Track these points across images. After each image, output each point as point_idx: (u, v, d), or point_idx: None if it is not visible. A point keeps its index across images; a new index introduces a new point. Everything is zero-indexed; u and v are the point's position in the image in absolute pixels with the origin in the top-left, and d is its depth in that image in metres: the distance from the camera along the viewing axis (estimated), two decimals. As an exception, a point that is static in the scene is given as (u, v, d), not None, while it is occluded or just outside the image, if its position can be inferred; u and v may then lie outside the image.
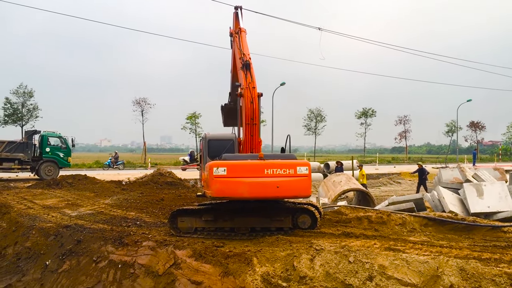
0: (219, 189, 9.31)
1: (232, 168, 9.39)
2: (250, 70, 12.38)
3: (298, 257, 7.86)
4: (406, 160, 74.44)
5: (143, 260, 9.24)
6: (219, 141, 11.77)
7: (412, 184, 31.20)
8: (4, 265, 11.39)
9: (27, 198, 17.00)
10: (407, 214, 11.60)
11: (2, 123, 46.46)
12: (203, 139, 12.02)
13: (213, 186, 9.32)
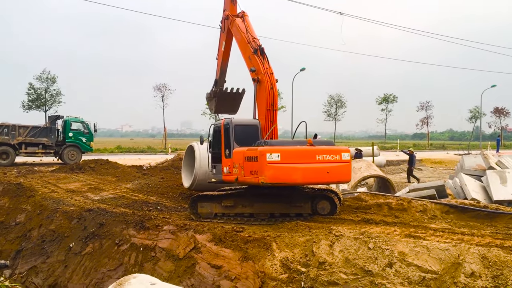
0: (273, 175, 9.37)
1: (286, 154, 9.47)
2: (264, 55, 12.33)
3: (317, 242, 7.87)
4: (427, 146, 73.45)
5: (164, 244, 9.38)
6: (244, 126, 11.54)
7: (433, 171, 30.81)
8: (29, 247, 11.70)
9: (51, 182, 17.34)
10: (428, 201, 11.48)
11: (26, 108, 47.33)
12: (228, 124, 11.44)
13: (267, 172, 9.33)
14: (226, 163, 11.32)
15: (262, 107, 11.77)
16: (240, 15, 13.92)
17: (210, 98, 16.19)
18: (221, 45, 15.19)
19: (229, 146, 11.24)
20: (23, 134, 26.87)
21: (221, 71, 15.50)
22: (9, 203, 14.31)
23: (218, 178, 11.85)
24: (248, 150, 10.21)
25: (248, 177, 9.97)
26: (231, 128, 11.29)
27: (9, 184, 15.66)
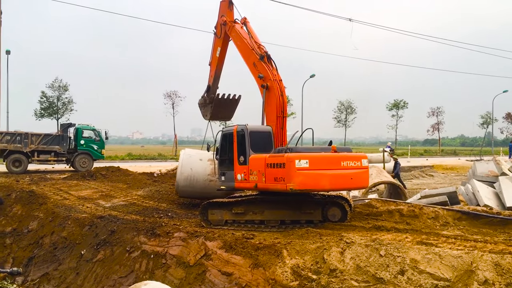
0: (302, 182, 9.44)
1: (314, 161, 9.59)
2: (271, 62, 12.36)
3: (328, 249, 7.84)
4: (439, 152, 72.84)
5: (175, 251, 9.40)
6: (259, 133, 11.42)
7: (445, 177, 30.55)
8: (41, 254, 11.78)
9: (63, 189, 17.48)
10: (440, 207, 11.38)
11: (39, 116, 47.76)
12: (243, 131, 11.24)
13: (296, 178, 9.37)
14: (240, 170, 11.08)
15: (272, 113, 11.79)
16: (242, 21, 13.79)
17: (204, 104, 15.87)
18: (216, 50, 14.99)
19: (244, 153, 11.03)
20: (35, 142, 27.13)
21: (215, 77, 15.30)
22: (21, 210, 14.44)
23: (228, 186, 11.63)
24: (271, 157, 10.17)
25: (272, 183, 9.96)
26: (246, 134, 11.10)
27: (22, 192, 15.80)
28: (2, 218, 14.26)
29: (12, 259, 12.30)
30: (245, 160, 10.96)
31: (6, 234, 13.19)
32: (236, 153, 11.24)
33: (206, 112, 15.75)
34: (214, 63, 15.14)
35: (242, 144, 11.14)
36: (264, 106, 12.07)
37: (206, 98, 15.65)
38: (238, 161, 11.16)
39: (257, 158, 10.71)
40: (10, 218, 14.11)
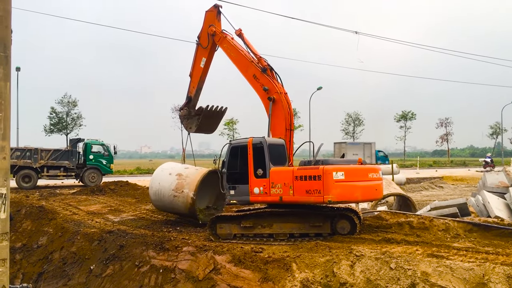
0: (340, 194, 9.72)
1: (349, 173, 9.89)
2: (274, 74, 12.42)
3: (338, 263, 7.78)
4: (448, 163, 72.39)
5: (184, 265, 9.37)
6: (275, 146, 11.35)
7: (455, 188, 30.29)
8: (51, 269, 11.80)
9: (72, 204, 17.55)
10: (451, 219, 11.27)
11: (48, 131, 48.25)
12: (261, 143, 11.09)
13: (335, 190, 9.61)
14: (258, 184, 10.90)
15: (280, 126, 11.82)
16: (237, 33, 13.53)
17: (189, 116, 15.00)
18: (199, 61, 14.50)
19: (263, 166, 10.87)
20: (45, 158, 27.38)
21: (198, 88, 14.80)
22: (31, 225, 14.50)
23: (241, 200, 11.38)
24: (301, 169, 10.25)
25: (303, 196, 10.03)
26: (265, 147, 11.00)
27: (31, 207, 15.89)
28: (12, 233, 14.32)
29: (22, 275, 12.32)
30: (265, 173, 10.81)
31: (16, 249, 13.22)
32: (252, 166, 11.07)
33: (190, 124, 15.03)
34: (197, 74, 14.64)
35: (260, 156, 11.01)
36: (270, 119, 12.08)
37: (190, 110, 14.97)
38: (255, 174, 10.97)
39: (281, 170, 10.73)
40: (20, 233, 14.16)
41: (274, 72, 12.50)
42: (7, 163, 4.54)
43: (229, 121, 60.90)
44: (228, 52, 13.44)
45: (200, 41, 14.37)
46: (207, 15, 14.27)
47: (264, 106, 12.35)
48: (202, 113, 14.63)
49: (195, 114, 14.81)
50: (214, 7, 14.19)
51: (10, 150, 4.68)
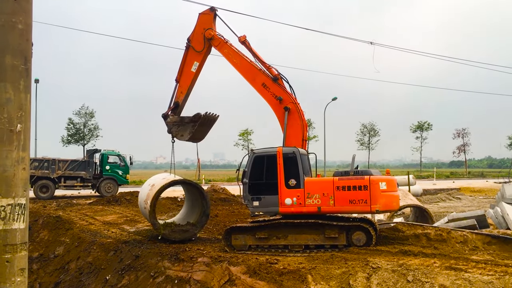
0: (385, 203, 10.29)
1: (389, 183, 10.43)
2: (283, 83, 12.37)
3: (354, 275, 7.71)
4: (465, 174, 71.38)
5: (199, 276, 9.36)
6: (304, 156, 11.36)
7: (472, 200, 29.83)
8: (67, 279, 11.88)
9: (89, 215, 17.70)
10: (469, 231, 11.09)
11: (66, 142, 48.84)
12: (294, 153, 10.98)
13: (381, 200, 10.17)
14: (290, 194, 10.76)
15: (296, 136, 11.81)
16: (241, 40, 13.14)
17: (181, 123, 13.75)
18: (190, 65, 13.58)
19: (296, 176, 10.77)
20: (62, 168, 27.73)
21: (187, 93, 13.81)
22: (48, 235, 14.66)
23: (269, 211, 11.16)
24: (342, 180, 10.44)
25: (346, 206, 10.33)
26: (298, 157, 10.91)
27: (48, 217, 16.06)
28: (30, 243, 14.48)
29: (39, 285, 12.43)
30: (299, 184, 10.71)
31: (33, 259, 13.36)
32: (282, 176, 10.89)
33: (182, 132, 13.71)
34: (187, 78, 13.67)
35: (292, 167, 10.88)
36: (286, 129, 12.03)
37: (182, 116, 13.84)
38: (286, 184, 10.80)
39: (318, 181, 10.84)
40: (37, 243, 14.32)
41: (285, 82, 12.42)
42: (26, 173, 4.61)
43: (243, 132, 61.02)
44: (230, 58, 13.02)
45: (193, 44, 13.50)
46: (202, 18, 13.56)
47: (277, 116, 12.26)
48: (200, 120, 13.41)
49: (190, 121, 13.59)
50: (210, 10, 13.52)
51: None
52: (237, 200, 23.44)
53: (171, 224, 12.89)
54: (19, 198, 4.49)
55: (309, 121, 59.46)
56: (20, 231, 4.55)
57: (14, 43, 4.49)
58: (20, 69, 4.52)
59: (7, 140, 4.43)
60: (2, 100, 4.43)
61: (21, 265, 4.57)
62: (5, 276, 4.42)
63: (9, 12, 4.47)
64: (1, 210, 4.39)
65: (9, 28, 4.48)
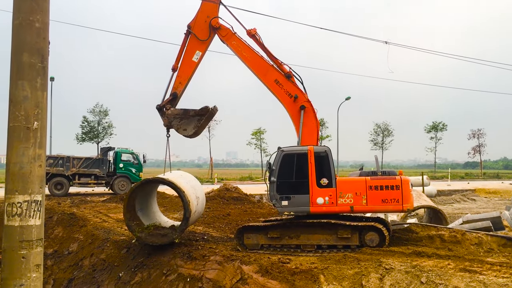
0: (412, 202, 10.88)
1: (408, 183, 10.82)
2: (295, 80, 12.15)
3: (366, 276, 7.66)
4: (480, 175, 70.57)
5: (211, 275, 9.39)
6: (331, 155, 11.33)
7: (488, 201, 29.48)
8: (81, 276, 11.99)
9: (102, 212, 17.84)
10: (484, 233, 10.97)
11: (80, 140, 49.32)
12: (325, 152, 10.93)
13: (411, 199, 10.76)
14: (322, 194, 10.68)
15: (312, 136, 11.73)
16: (250, 33, 12.47)
17: (185, 116, 12.65)
18: (191, 54, 12.59)
19: (328, 175, 10.75)
20: (76, 166, 27.97)
21: (186, 84, 12.85)
22: (62, 232, 14.81)
23: (299, 211, 10.91)
24: (375, 179, 10.68)
25: (378, 205, 10.59)
26: (330, 156, 10.92)
27: (63, 214, 16.22)
28: (44, 240, 14.62)
29: (53, 281, 12.56)
30: (331, 183, 10.70)
31: (47, 255, 13.51)
32: (314, 175, 10.79)
33: (186, 126, 12.60)
34: (188, 68, 12.66)
35: (324, 166, 10.85)
36: (302, 128, 11.89)
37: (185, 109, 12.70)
38: (318, 183, 10.73)
39: (350, 180, 10.88)
40: (51, 240, 14.47)
41: (298, 80, 12.19)
42: (42, 170, 4.67)
43: (256, 131, 61.01)
44: (239, 51, 12.38)
45: (196, 31, 12.52)
46: (205, 5, 12.68)
47: (290, 114, 12.03)
48: (208, 114, 12.54)
49: (196, 115, 12.59)
50: None
51: (45, 158, 4.81)
52: (249, 199, 23.45)
53: (151, 226, 11.75)
54: (35, 195, 4.55)
55: (322, 120, 59.29)
56: (36, 227, 4.61)
57: (32, 42, 4.55)
58: (37, 67, 4.57)
59: (24, 137, 4.49)
60: (19, 98, 4.49)
61: (36, 261, 4.63)
62: (21, 272, 4.48)
63: (27, 11, 4.53)
64: (18, 207, 4.45)
65: (26, 27, 4.54)
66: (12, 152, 4.50)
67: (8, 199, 4.48)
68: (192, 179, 12.41)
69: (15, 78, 4.53)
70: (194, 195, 11.56)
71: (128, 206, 11.53)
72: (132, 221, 11.50)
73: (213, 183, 46.12)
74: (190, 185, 11.76)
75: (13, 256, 4.48)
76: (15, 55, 4.54)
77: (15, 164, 4.48)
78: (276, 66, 12.24)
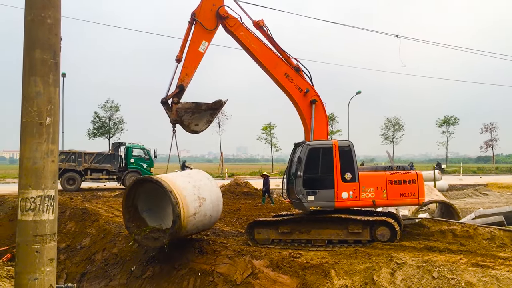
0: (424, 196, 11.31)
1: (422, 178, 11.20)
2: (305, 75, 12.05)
3: (377, 270, 7.64)
4: (493, 170, 69.87)
5: (222, 269, 9.43)
6: None
7: (500, 196, 29.20)
8: (93, 270, 12.12)
9: (114, 207, 17.97)
10: (496, 228, 10.88)
11: (91, 135, 49.65)
12: (349, 147, 10.86)
13: (424, 193, 11.18)
14: (347, 188, 10.61)
15: (323, 131, 11.73)
16: (258, 24, 12.10)
17: (197, 110, 12.02)
18: (198, 44, 11.81)
19: (352, 170, 10.69)
20: (88, 161, 28.17)
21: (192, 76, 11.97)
22: (75, 227, 14.96)
23: (325, 205, 10.65)
24: (394, 174, 10.89)
25: (397, 199, 10.84)
26: (353, 150, 10.86)
27: (75, 209, 16.38)
28: (57, 234, 14.79)
29: (66, 275, 12.71)
30: (354, 177, 10.66)
31: (60, 250, 13.66)
32: (339, 169, 10.69)
33: (198, 121, 12.04)
34: (195, 59, 11.86)
35: (348, 160, 10.78)
36: (314, 123, 11.81)
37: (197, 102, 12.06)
38: (343, 178, 10.64)
39: (371, 175, 10.95)
40: (64, 234, 14.63)
41: (305, 74, 12.01)
42: (55, 166, 4.70)
43: (266, 126, 60.94)
44: (248, 42, 11.88)
45: (202, 20, 11.77)
46: None
47: (301, 108, 11.85)
48: (220, 107, 12.27)
49: (208, 109, 12.06)
50: None
51: (57, 154, 4.85)
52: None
53: (147, 229, 10.74)
54: (48, 190, 4.58)
55: (333, 115, 59.03)
56: (49, 222, 4.65)
57: (44, 38, 4.57)
58: (49, 63, 4.60)
59: (37, 133, 4.52)
60: (32, 94, 4.52)
61: (50, 255, 4.68)
62: (34, 266, 4.53)
63: (39, 7, 4.56)
64: (31, 202, 4.49)
65: (38, 23, 4.56)
66: (25, 147, 4.54)
67: (22, 194, 4.52)
68: (200, 179, 11.20)
69: (27, 74, 4.56)
70: (193, 196, 10.32)
71: (126, 206, 10.78)
72: (131, 222, 10.70)
73: (224, 178, 46.19)
74: (193, 185, 10.64)
75: (27, 250, 4.53)
76: (27, 52, 4.57)
77: (28, 160, 4.52)
78: (284, 60, 12.02)
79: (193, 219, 10.12)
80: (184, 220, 9.79)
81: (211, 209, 10.78)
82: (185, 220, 9.83)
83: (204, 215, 10.51)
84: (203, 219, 10.52)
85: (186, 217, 9.82)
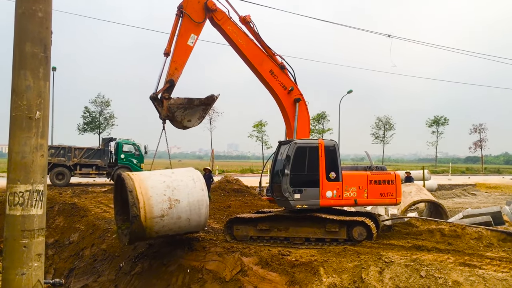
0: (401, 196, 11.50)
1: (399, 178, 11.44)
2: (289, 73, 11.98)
3: (366, 269, 7.69)
4: (481, 170, 70.56)
5: (211, 266, 9.43)
6: None
7: (488, 196, 29.50)
8: (81, 265, 12.06)
9: (103, 202, 17.89)
10: (484, 228, 11.00)
11: (82, 130, 49.36)
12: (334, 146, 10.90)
13: (401, 193, 11.39)
14: (331, 187, 10.70)
15: (306, 129, 11.75)
16: (244, 19, 11.81)
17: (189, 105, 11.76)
18: (186, 38, 11.46)
19: (336, 169, 10.75)
20: (78, 156, 28.02)
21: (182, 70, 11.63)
22: (64, 222, 14.87)
23: (311, 204, 10.69)
24: (374, 174, 10.99)
25: (377, 198, 11.00)
26: (337, 150, 10.94)
27: (64, 204, 16.28)
28: (45, 229, 14.70)
29: (54, 270, 12.64)
30: (338, 177, 10.72)
31: (48, 245, 13.58)
32: (324, 168, 10.73)
33: (190, 117, 11.80)
34: (184, 53, 11.52)
35: (333, 159, 10.83)
36: (297, 121, 11.74)
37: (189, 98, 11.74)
38: (327, 177, 10.69)
39: (354, 174, 10.99)
40: (52, 229, 14.54)
41: (289, 72, 11.91)
42: (44, 160, 4.67)
43: (258, 123, 60.94)
44: (235, 37, 11.64)
45: (189, 12, 11.39)
46: None
47: (284, 106, 11.75)
48: (213, 102, 12.03)
49: (201, 104, 11.83)
50: None
51: (47, 148, 4.81)
52: (250, 191, 23.50)
53: (123, 226, 10.46)
54: (37, 185, 4.56)
55: (324, 113, 59.21)
56: (37, 217, 4.62)
57: (34, 31, 4.54)
58: (39, 57, 4.56)
59: (26, 127, 4.49)
60: (22, 88, 4.49)
61: (38, 250, 4.65)
62: (22, 261, 4.50)
63: (30, 0, 4.51)
64: (20, 196, 4.46)
65: (29, 16, 4.52)
66: (14, 141, 4.51)
67: (10, 188, 4.49)
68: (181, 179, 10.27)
69: (17, 68, 4.52)
70: (162, 197, 9.63)
71: (116, 199, 10.76)
72: (119, 215, 10.61)
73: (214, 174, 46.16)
74: (167, 185, 9.88)
75: (14, 245, 4.50)
76: (17, 45, 4.53)
77: (17, 154, 4.49)
78: (270, 56, 11.89)
79: (160, 220, 9.56)
80: (147, 221, 9.36)
81: (188, 211, 9.93)
82: (148, 221, 9.38)
83: (178, 218, 9.81)
84: (176, 221, 9.82)
85: (149, 218, 9.37)
